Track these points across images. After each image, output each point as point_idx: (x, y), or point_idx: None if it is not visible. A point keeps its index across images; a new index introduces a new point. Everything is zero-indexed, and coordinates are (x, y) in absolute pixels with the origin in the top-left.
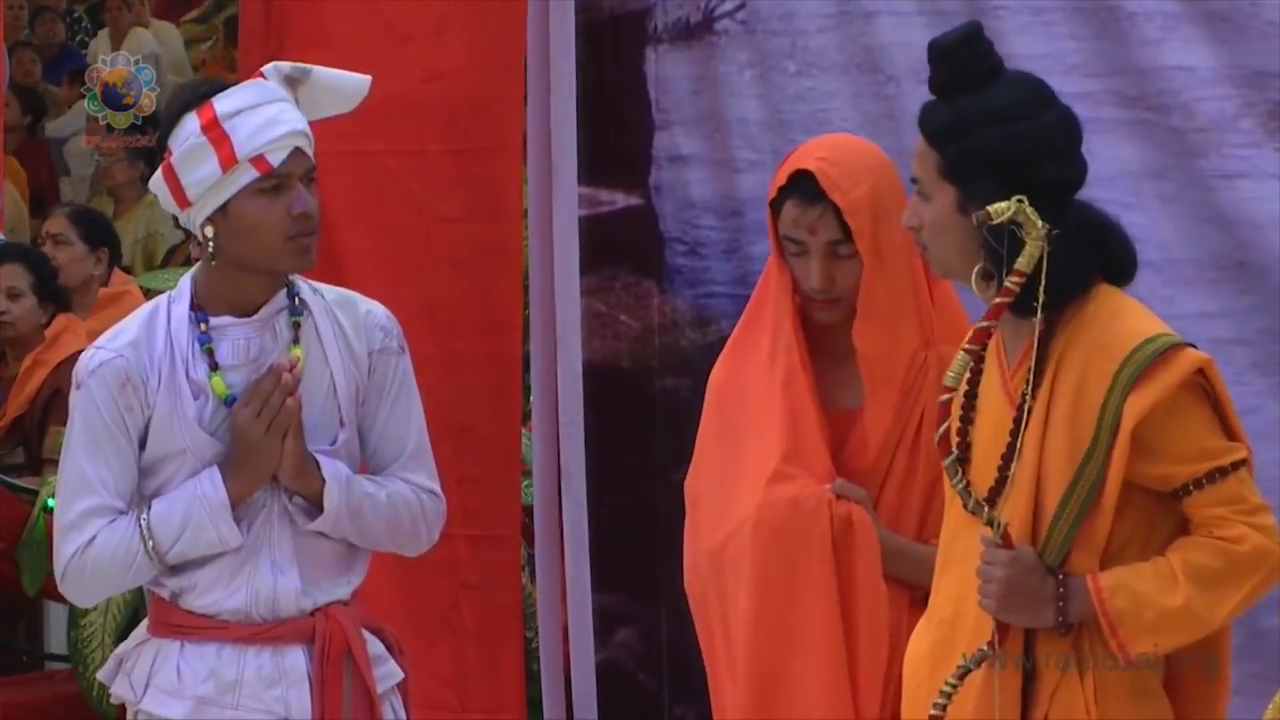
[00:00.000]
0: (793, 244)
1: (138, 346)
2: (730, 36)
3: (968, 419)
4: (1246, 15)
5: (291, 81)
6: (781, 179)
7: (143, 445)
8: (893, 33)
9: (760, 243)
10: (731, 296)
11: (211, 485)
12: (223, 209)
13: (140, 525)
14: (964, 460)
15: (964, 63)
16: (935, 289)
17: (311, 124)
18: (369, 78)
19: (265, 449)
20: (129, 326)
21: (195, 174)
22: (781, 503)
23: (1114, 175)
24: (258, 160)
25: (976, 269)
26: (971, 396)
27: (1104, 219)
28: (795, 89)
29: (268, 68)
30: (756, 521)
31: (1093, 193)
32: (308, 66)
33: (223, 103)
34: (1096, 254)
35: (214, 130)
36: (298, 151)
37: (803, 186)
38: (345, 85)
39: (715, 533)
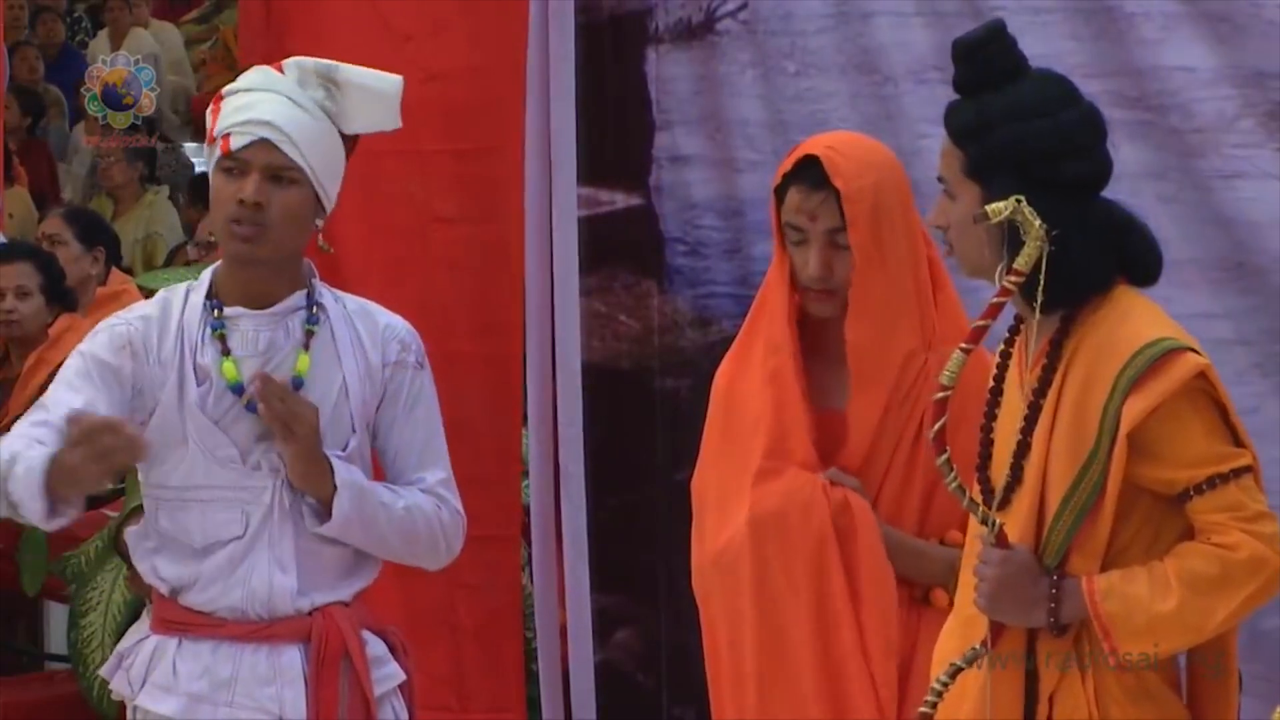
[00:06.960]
0: (794, 231)
1: (148, 321)
2: (731, 37)
3: (992, 416)
4: (1246, 15)
5: (323, 80)
6: (788, 165)
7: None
8: (890, 33)
9: (761, 243)
10: (732, 297)
11: (40, 457)
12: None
13: (9, 452)
14: (987, 457)
15: (986, 60)
16: (939, 293)
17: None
18: (400, 78)
19: (81, 472)
20: (145, 305)
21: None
22: (774, 497)
23: (1113, 175)
24: (224, 139)
25: (999, 268)
26: (997, 394)
27: (1129, 219)
28: (795, 89)
29: (288, 61)
30: (751, 520)
31: None
32: (334, 63)
33: (235, 82)
34: (1117, 254)
35: (216, 104)
36: (263, 143)
37: (808, 172)
38: (376, 85)
39: (718, 535)
